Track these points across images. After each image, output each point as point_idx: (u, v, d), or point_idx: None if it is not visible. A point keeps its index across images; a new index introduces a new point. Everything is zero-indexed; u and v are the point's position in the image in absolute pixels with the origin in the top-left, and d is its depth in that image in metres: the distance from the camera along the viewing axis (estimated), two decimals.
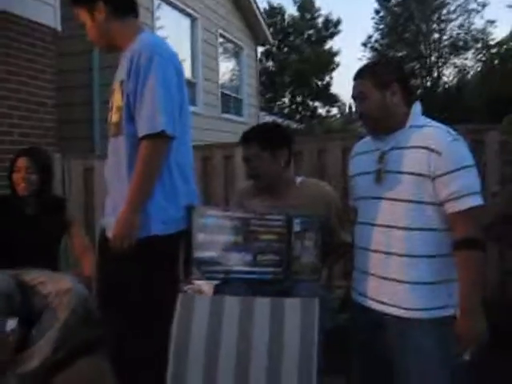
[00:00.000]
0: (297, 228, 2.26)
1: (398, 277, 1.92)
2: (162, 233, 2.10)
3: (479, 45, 27.31)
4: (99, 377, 2.48)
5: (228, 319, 1.91)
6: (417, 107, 2.03)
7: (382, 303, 1.97)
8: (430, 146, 1.86)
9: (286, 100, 30.54)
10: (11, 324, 2.60)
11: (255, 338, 1.87)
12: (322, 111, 31.34)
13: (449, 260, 1.90)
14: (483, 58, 26.92)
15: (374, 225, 2.00)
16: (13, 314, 2.63)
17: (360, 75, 2.04)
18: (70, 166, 4.55)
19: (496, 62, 24.71)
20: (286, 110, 29.75)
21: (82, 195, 4.47)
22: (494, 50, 25.73)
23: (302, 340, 1.84)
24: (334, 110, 31.91)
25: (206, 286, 2.51)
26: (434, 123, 1.99)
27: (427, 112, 2.06)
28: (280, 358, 1.83)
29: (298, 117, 28.94)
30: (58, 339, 2.53)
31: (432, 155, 1.85)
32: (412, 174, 1.89)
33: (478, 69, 27.54)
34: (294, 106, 30.37)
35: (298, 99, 30.20)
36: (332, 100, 30.72)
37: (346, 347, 2.23)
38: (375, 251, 2.00)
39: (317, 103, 30.79)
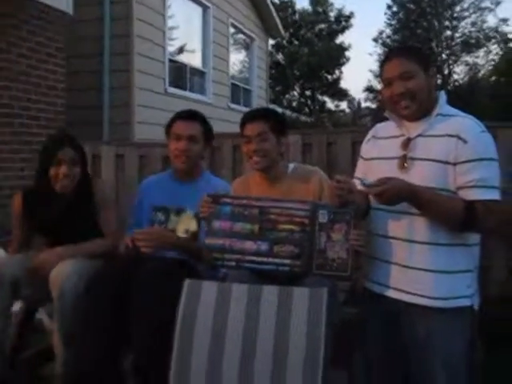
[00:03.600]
0: (322, 219, 2.08)
1: (422, 265, 1.89)
2: None
3: (493, 41, 27.14)
4: None
5: (235, 306, 1.89)
6: (443, 96, 1.99)
7: (403, 292, 1.94)
8: (459, 134, 1.83)
9: (296, 93, 30.44)
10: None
11: (262, 325, 1.85)
12: (331, 106, 31.25)
13: (468, 250, 1.90)
14: (500, 52, 26.69)
15: (393, 211, 1.94)
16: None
17: (404, 54, 1.95)
18: None
19: None
20: (295, 104, 29.65)
21: None
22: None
23: (309, 329, 1.82)
24: (343, 105, 31.82)
25: None
26: (463, 113, 1.95)
27: None
28: (286, 347, 1.81)
29: (306, 110, 28.86)
30: None
31: (459, 143, 1.82)
32: (438, 161, 1.85)
33: (490, 67, 27.39)
34: (303, 100, 30.26)
35: (308, 93, 30.08)
36: (341, 95, 30.58)
37: (349, 341, 2.20)
38: (395, 238, 1.95)
39: (326, 97, 30.68)
